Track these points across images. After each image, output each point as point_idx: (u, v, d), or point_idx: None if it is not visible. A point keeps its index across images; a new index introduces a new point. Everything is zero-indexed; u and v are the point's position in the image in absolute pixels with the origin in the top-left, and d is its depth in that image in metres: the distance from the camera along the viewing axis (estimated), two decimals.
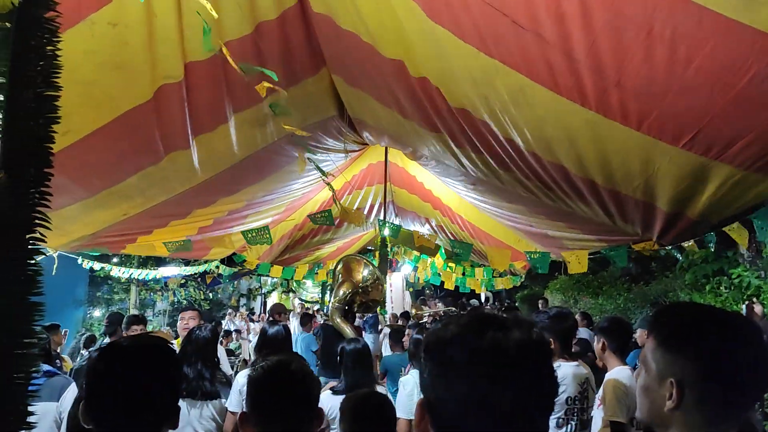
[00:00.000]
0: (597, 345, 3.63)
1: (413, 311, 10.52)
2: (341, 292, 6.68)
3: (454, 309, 11.57)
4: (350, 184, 9.45)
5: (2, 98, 2.09)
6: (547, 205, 5.32)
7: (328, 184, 6.45)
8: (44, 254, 2.20)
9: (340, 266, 6.99)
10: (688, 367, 1.15)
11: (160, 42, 3.80)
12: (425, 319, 10.02)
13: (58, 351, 7.09)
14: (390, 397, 3.69)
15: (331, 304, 6.69)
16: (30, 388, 2.06)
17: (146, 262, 14.18)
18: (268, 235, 8.29)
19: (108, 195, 5.20)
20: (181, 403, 3.45)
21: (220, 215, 7.56)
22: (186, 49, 3.97)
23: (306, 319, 8.90)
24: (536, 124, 3.69)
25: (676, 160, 3.36)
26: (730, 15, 2.41)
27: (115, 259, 15.22)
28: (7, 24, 2.05)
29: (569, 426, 3.59)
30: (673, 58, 2.71)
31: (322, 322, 9.66)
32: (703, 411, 1.14)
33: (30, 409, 2.00)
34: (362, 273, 6.93)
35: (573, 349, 3.87)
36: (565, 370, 3.60)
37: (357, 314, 8.56)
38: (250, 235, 8.32)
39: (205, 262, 10.60)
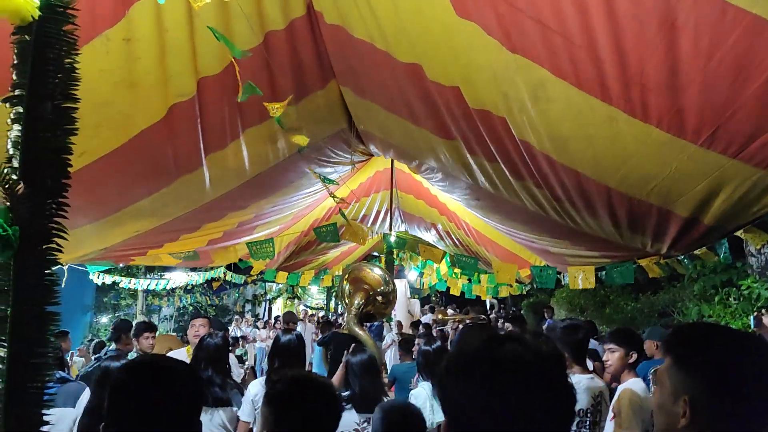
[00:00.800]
0: (625, 357, 3.61)
1: (438, 315, 10.40)
2: (356, 301, 6.61)
3: (483, 317, 11.45)
4: (355, 194, 9.48)
5: (21, 110, 2.12)
6: (551, 222, 5.31)
7: (333, 195, 6.46)
8: (61, 264, 2.23)
9: (346, 284, 6.91)
10: (698, 384, 1.17)
11: (171, 57, 3.81)
12: (449, 326, 9.88)
13: (69, 358, 7.16)
14: None
15: (347, 314, 6.61)
16: (45, 396, 2.08)
17: (152, 268, 14.22)
18: (271, 249, 8.37)
19: (121, 216, 5.26)
20: None
21: (230, 228, 7.61)
22: (198, 64, 3.98)
23: (326, 327, 8.73)
24: (554, 122, 3.67)
25: (694, 158, 3.34)
26: (752, 10, 2.43)
27: (120, 264, 15.26)
28: (26, 37, 2.08)
29: None
30: (695, 51, 2.71)
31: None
32: (716, 427, 1.15)
33: (46, 418, 2.03)
34: (374, 277, 6.84)
35: None
36: (579, 383, 3.57)
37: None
38: (254, 248, 8.40)
39: (211, 268, 10.63)
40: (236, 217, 7.25)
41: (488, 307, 18.01)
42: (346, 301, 6.58)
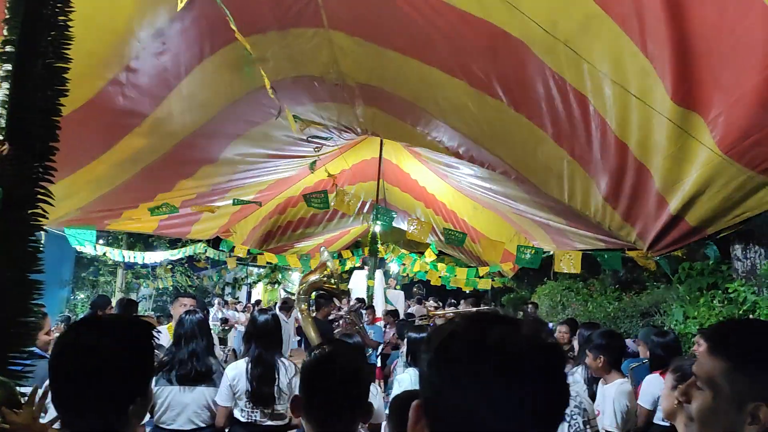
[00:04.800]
0: (595, 361, 3.64)
1: (427, 311, 10.19)
2: (306, 282, 6.50)
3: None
4: (341, 177, 9.36)
5: (10, 68, 2.03)
6: (549, 199, 5.25)
7: (297, 124, 6.13)
8: (45, 230, 2.16)
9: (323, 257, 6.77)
10: None
11: None
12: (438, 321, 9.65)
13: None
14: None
15: (296, 294, 6.46)
16: (22, 369, 2.00)
17: (134, 245, 14.07)
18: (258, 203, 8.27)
19: (97, 165, 5.14)
20: (175, 389, 3.44)
21: (204, 189, 7.46)
22: None
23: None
24: (597, 60, 3.47)
25: (695, 145, 3.34)
26: None
27: (101, 241, 15.02)
28: None
29: None
30: (722, 18, 2.68)
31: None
32: None
33: (22, 390, 1.95)
34: (328, 270, 6.70)
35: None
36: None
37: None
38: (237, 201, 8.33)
39: (191, 243, 10.38)
40: (210, 177, 7.05)
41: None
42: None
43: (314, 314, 7.11)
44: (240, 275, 19.98)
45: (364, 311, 8.82)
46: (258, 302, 15.10)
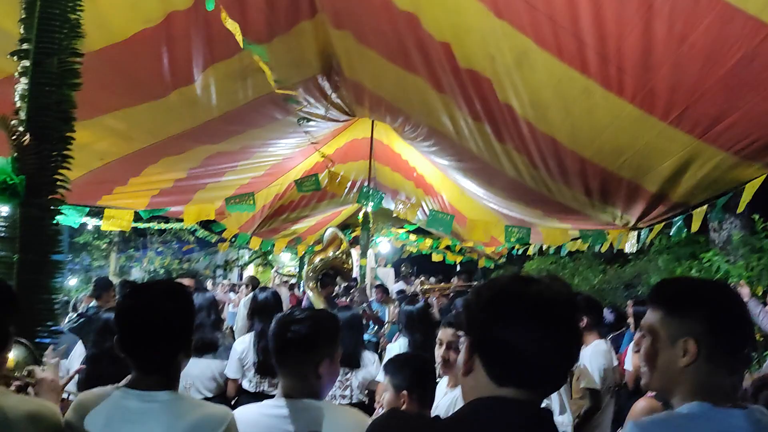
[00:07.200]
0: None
1: (420, 287, 10.36)
2: (317, 260, 6.65)
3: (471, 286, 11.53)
4: (333, 156, 9.41)
5: (28, 64, 2.17)
6: (526, 188, 5.43)
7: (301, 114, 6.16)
8: (64, 214, 2.32)
9: (329, 233, 6.92)
10: (697, 326, 1.35)
11: None
12: (432, 295, 9.75)
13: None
14: None
15: (305, 272, 6.65)
16: (49, 342, 2.17)
17: (128, 240, 14.15)
18: (252, 201, 8.21)
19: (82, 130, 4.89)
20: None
21: (194, 165, 7.13)
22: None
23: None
24: (536, 89, 3.81)
25: (663, 135, 3.53)
26: None
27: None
28: None
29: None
30: (670, 33, 2.86)
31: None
32: (714, 361, 1.34)
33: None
34: (340, 248, 6.89)
35: None
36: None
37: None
38: (233, 201, 8.25)
39: (179, 221, 10.10)
40: (201, 152, 6.65)
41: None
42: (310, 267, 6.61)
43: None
44: (231, 257, 20.09)
45: (374, 289, 9.05)
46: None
